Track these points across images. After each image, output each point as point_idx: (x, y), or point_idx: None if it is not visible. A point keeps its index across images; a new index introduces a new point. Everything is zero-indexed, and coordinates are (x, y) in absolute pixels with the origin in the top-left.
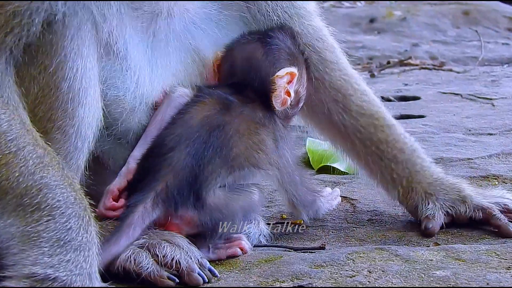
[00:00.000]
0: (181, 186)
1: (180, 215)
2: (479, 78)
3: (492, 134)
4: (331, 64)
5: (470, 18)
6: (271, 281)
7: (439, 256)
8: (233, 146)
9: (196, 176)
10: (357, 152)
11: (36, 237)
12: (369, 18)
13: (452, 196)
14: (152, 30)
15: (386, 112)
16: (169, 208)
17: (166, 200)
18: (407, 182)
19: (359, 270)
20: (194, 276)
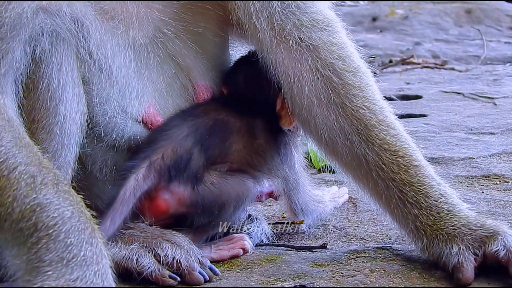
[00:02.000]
0: (178, 161)
1: (171, 189)
2: (481, 77)
3: (494, 133)
4: (353, 89)
5: (473, 17)
6: (272, 280)
7: None
8: (233, 142)
9: (194, 155)
10: (379, 193)
11: (37, 262)
12: (371, 16)
13: (480, 233)
14: (131, 39)
15: (414, 150)
16: (162, 178)
17: (159, 171)
18: (431, 230)
19: (361, 270)
20: (195, 275)
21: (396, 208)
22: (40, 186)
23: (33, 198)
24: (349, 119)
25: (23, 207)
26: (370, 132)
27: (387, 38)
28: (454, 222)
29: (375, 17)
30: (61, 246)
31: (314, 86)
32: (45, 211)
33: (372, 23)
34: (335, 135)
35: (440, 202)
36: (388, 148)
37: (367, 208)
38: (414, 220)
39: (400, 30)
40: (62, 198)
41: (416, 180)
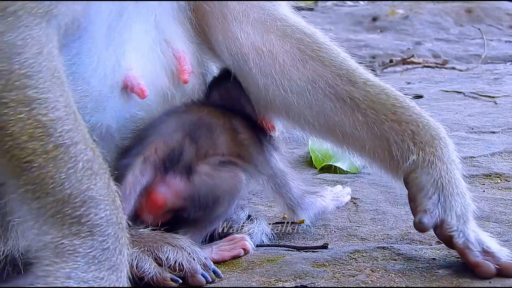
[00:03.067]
0: (170, 153)
1: (168, 182)
2: (482, 76)
3: (495, 132)
4: (326, 45)
5: (473, 16)
6: (273, 280)
7: (441, 255)
8: (220, 133)
9: (185, 147)
10: (368, 122)
11: (71, 251)
12: (371, 16)
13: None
14: (118, 8)
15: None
16: (158, 172)
17: (154, 164)
18: (430, 151)
19: (362, 269)
20: (197, 278)
21: (390, 129)
22: (95, 176)
23: (88, 187)
24: (328, 68)
25: (74, 192)
26: (351, 74)
27: (388, 38)
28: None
29: (375, 17)
30: (98, 246)
31: (288, 50)
32: (95, 208)
33: (373, 23)
34: (316, 85)
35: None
36: (373, 84)
37: (368, 208)
38: (412, 137)
39: (401, 29)
40: (111, 199)
41: (408, 103)
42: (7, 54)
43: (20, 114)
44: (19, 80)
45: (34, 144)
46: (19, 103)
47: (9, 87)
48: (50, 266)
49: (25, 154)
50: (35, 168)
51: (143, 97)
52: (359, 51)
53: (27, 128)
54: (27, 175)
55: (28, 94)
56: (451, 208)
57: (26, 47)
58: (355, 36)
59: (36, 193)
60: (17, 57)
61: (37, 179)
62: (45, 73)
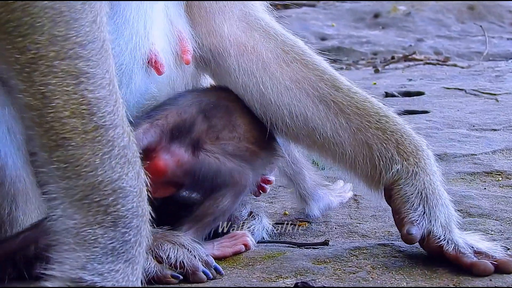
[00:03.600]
0: (181, 123)
1: (172, 149)
2: (484, 73)
3: (496, 130)
4: (307, 51)
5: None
6: (274, 277)
7: None
8: (239, 116)
9: (198, 121)
10: (352, 129)
11: (92, 240)
12: (373, 13)
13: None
14: None
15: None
16: (163, 137)
17: (161, 129)
18: (414, 162)
19: (362, 266)
20: (198, 275)
21: (374, 137)
22: (128, 165)
23: (120, 177)
24: (312, 71)
25: (106, 179)
26: (335, 80)
27: (389, 35)
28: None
29: (377, 13)
30: (120, 238)
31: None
32: (123, 199)
33: (374, 20)
34: (300, 85)
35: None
36: (357, 92)
37: (369, 205)
38: (396, 146)
39: (403, 26)
40: (140, 190)
41: (391, 113)
42: (66, 18)
43: (68, 87)
44: (73, 48)
45: (75, 122)
46: (68, 74)
47: (62, 55)
48: (68, 253)
49: (64, 130)
50: (71, 147)
51: (160, 73)
52: (360, 47)
53: (71, 103)
54: (62, 152)
55: (79, 66)
56: (436, 219)
57: (83, 13)
58: (357, 32)
59: (67, 172)
60: (75, 23)
61: (71, 159)
62: (97, 44)
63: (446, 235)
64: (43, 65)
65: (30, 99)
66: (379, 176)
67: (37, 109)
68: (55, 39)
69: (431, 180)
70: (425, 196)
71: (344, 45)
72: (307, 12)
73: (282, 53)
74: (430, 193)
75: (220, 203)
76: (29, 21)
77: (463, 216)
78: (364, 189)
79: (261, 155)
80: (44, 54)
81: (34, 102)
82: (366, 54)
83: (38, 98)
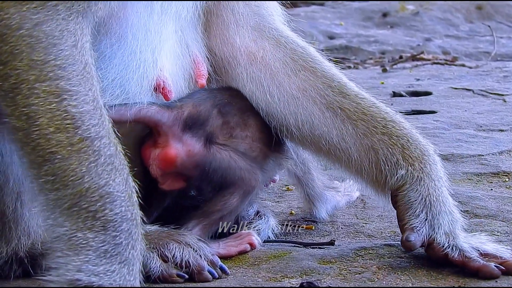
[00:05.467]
0: (196, 115)
1: (184, 139)
2: (491, 74)
3: (503, 130)
4: (318, 58)
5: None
6: (279, 277)
7: None
8: (251, 115)
9: (213, 114)
10: (358, 134)
11: (84, 244)
12: (382, 12)
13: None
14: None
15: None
16: (178, 124)
17: (177, 116)
18: (420, 167)
19: (368, 267)
20: (204, 275)
21: (380, 142)
22: (115, 172)
23: (106, 183)
24: (320, 79)
25: (92, 186)
26: (343, 87)
27: (398, 34)
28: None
29: (386, 13)
30: (110, 241)
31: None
32: (111, 204)
33: (383, 19)
34: (307, 93)
35: (427, 144)
36: (364, 97)
37: (375, 205)
38: (401, 151)
39: (411, 26)
40: (128, 196)
41: (398, 118)
42: (43, 44)
43: (50, 105)
44: (52, 71)
45: (60, 136)
46: (50, 94)
47: (42, 78)
48: (62, 258)
49: (50, 145)
50: (57, 160)
51: (168, 99)
52: (368, 46)
53: (55, 119)
54: (49, 165)
55: (60, 85)
56: (440, 227)
57: (62, 38)
58: (365, 31)
59: (55, 184)
60: (53, 48)
61: (59, 171)
62: (78, 66)
63: (450, 242)
64: (24, 88)
65: (16, 121)
66: (384, 181)
67: (23, 130)
68: (34, 63)
69: (436, 186)
70: (429, 202)
71: (352, 44)
72: (315, 11)
73: (290, 62)
74: (434, 199)
75: (227, 201)
76: (8, 49)
77: (470, 217)
78: (371, 193)
79: (272, 156)
80: (25, 78)
81: (19, 124)
82: (374, 53)
83: (23, 120)
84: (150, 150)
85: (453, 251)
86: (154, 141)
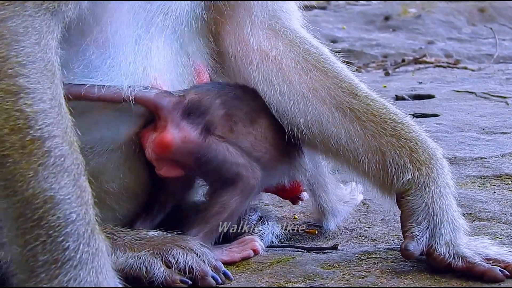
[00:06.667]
0: (198, 103)
1: (181, 125)
2: (494, 76)
3: (506, 133)
4: (331, 58)
5: (486, 15)
6: (283, 282)
7: None
8: (260, 115)
9: (215, 104)
10: (366, 135)
11: (32, 262)
12: (384, 15)
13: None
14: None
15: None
16: (178, 111)
17: (178, 100)
18: (426, 172)
19: (371, 271)
20: (207, 280)
21: (388, 144)
22: (63, 173)
23: (50, 186)
24: (331, 79)
25: (36, 192)
26: (354, 88)
27: (400, 37)
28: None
29: (388, 16)
30: (58, 248)
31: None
32: (53, 209)
33: (385, 22)
34: (317, 93)
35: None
36: (375, 99)
37: (378, 208)
38: (409, 154)
39: (413, 29)
40: (75, 196)
41: (408, 120)
42: (7, 41)
43: (7, 104)
44: (12, 68)
45: (13, 137)
46: (8, 93)
47: (2, 75)
48: (21, 283)
49: (4, 147)
50: (9, 163)
51: None
52: (371, 50)
53: (10, 120)
54: (1, 170)
55: (19, 83)
56: (441, 236)
57: (26, 35)
58: (368, 35)
59: (6, 190)
60: (16, 45)
61: (9, 175)
62: (39, 64)
63: (451, 251)
64: None
65: None
66: (391, 183)
67: None
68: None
69: (441, 193)
70: (432, 211)
71: (354, 47)
72: (318, 15)
73: (303, 61)
74: (438, 208)
75: (226, 202)
76: None
77: (473, 220)
78: (377, 195)
79: (283, 162)
80: None
81: None
82: (377, 56)
83: None
84: (149, 133)
85: (456, 259)
86: (155, 125)
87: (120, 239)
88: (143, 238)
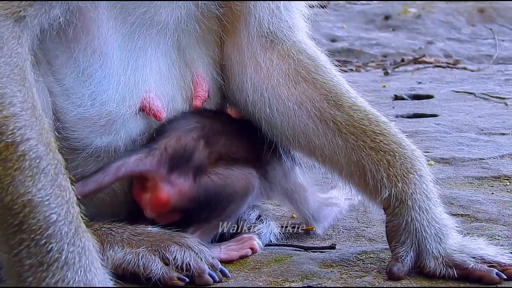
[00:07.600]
0: (181, 151)
1: (172, 180)
2: (493, 77)
3: (505, 134)
4: (322, 68)
5: (485, 16)
6: (280, 280)
7: None
8: (239, 141)
9: (199, 146)
10: (347, 148)
11: (19, 266)
12: (384, 15)
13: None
14: (137, 31)
15: (382, 116)
16: (160, 167)
17: (159, 159)
18: (403, 188)
19: (369, 271)
20: (204, 278)
21: (367, 157)
22: (39, 175)
23: (27, 190)
24: (318, 90)
25: (15, 197)
26: (339, 98)
27: (400, 37)
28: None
29: (388, 15)
30: (42, 251)
31: (285, 70)
32: (32, 212)
33: (385, 22)
34: (303, 106)
35: (417, 158)
36: (358, 109)
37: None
38: (387, 169)
39: (413, 29)
40: (54, 196)
41: (389, 130)
42: None
43: None
44: None
45: None
46: None
47: None
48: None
49: None
50: None
51: (160, 120)
52: (370, 49)
53: None
54: None
55: None
56: (427, 252)
57: None
58: (367, 34)
59: None
60: None
61: None
62: (3, 69)
63: (441, 263)
64: None
65: None
66: (374, 196)
67: None
68: None
69: (420, 209)
70: (413, 228)
71: (354, 47)
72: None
73: (293, 73)
74: (418, 225)
75: (226, 206)
76: None
77: (471, 221)
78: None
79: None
80: None
81: None
82: (376, 56)
83: None
84: (141, 194)
85: (449, 269)
86: (142, 185)
87: (118, 235)
88: (141, 234)
